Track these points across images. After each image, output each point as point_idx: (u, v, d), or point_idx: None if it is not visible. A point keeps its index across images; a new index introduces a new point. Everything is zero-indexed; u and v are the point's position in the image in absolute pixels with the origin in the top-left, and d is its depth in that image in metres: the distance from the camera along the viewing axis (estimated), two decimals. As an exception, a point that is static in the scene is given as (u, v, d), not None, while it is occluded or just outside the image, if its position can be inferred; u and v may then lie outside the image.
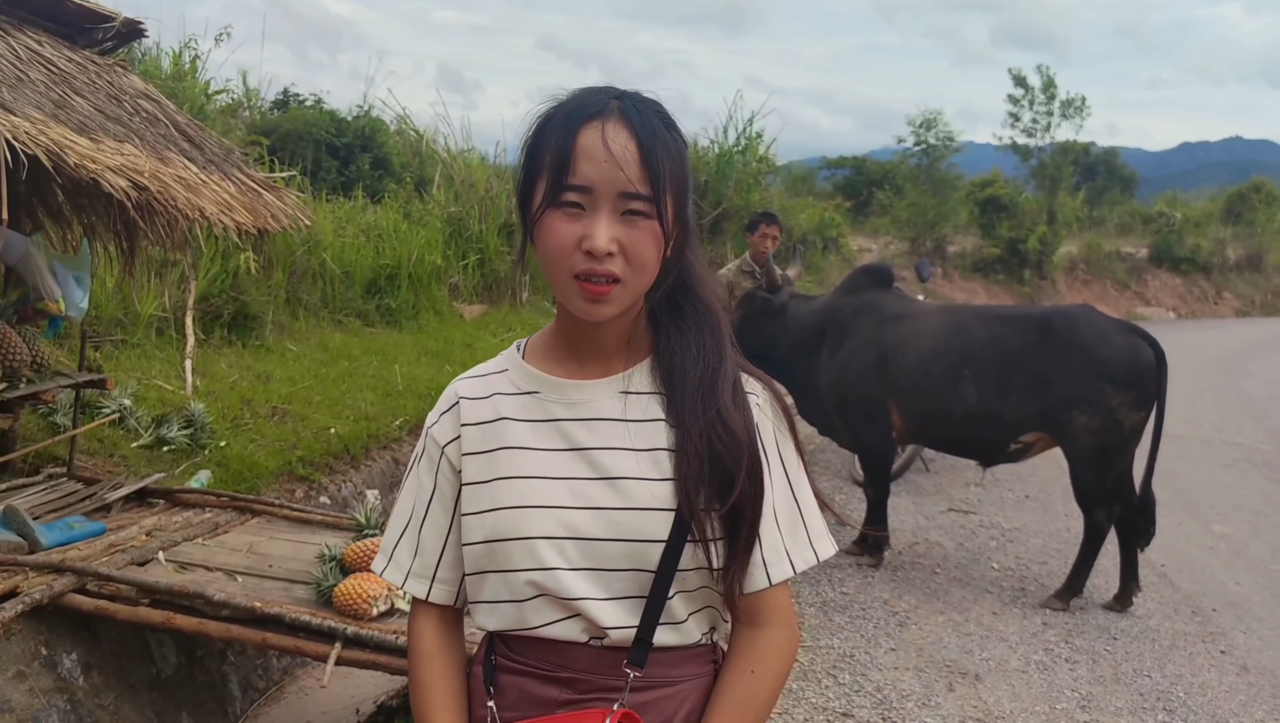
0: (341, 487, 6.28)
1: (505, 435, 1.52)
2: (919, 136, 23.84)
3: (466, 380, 1.61)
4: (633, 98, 1.45)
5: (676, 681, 1.50)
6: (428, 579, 1.58)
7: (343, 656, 3.70)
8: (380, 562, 1.64)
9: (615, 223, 1.40)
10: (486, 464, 1.51)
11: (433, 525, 1.58)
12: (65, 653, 4.01)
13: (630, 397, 1.51)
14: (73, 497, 4.91)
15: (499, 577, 1.48)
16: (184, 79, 11.62)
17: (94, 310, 7.01)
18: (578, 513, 1.46)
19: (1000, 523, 7.39)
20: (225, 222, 4.33)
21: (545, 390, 1.54)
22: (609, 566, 1.45)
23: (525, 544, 1.46)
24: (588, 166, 1.39)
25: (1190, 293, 28.30)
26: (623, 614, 1.46)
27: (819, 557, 1.56)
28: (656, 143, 1.41)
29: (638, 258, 1.41)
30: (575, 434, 1.50)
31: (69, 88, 4.21)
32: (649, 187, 1.39)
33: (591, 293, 1.41)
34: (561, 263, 1.42)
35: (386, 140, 14.27)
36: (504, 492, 1.49)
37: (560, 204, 1.40)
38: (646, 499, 1.45)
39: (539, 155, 1.44)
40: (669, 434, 1.48)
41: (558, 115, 1.44)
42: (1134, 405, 5.44)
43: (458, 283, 11.83)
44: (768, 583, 1.50)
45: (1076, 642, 5.24)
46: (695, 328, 1.52)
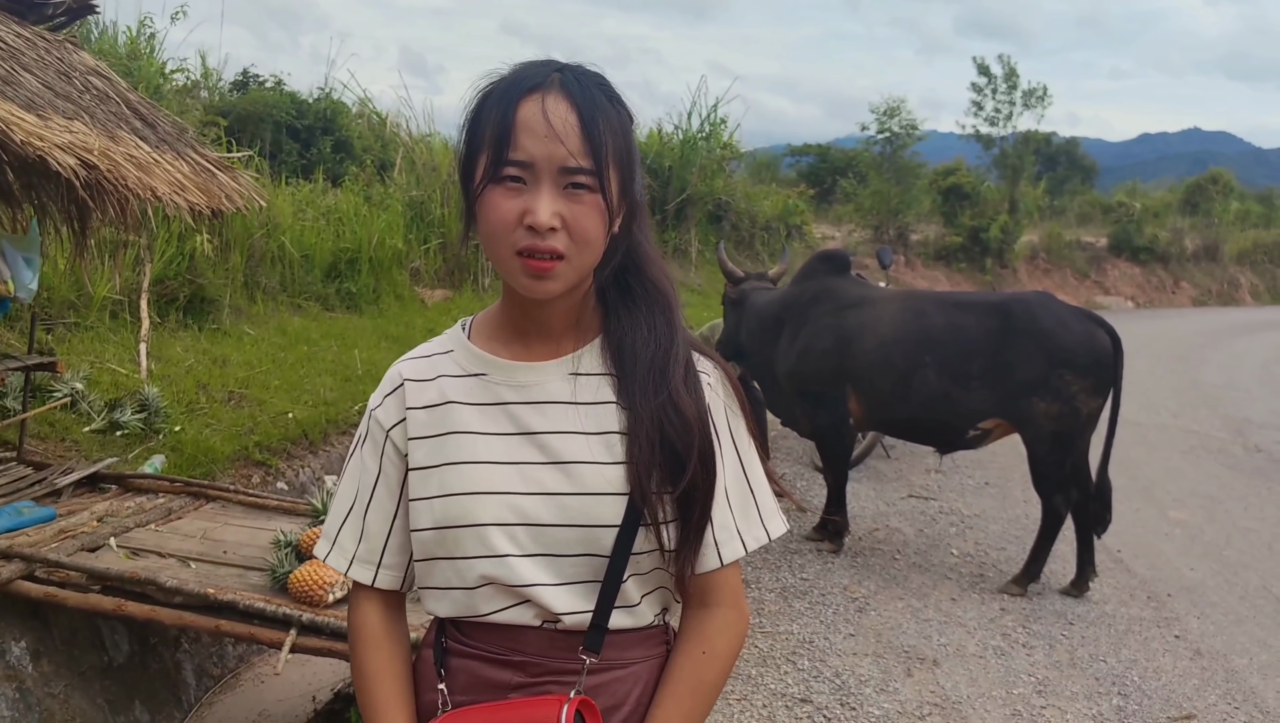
0: (299, 472, 6.21)
1: (452, 419, 1.49)
2: (882, 125, 23.94)
3: (410, 361, 1.57)
4: (574, 70, 1.42)
5: (629, 662, 1.49)
6: (373, 565, 1.55)
7: (298, 643, 3.65)
8: (323, 547, 1.59)
9: (558, 197, 1.37)
10: (434, 449, 1.48)
11: (378, 510, 1.54)
12: (14, 641, 3.94)
13: (580, 379, 1.49)
14: (22, 482, 4.82)
15: (449, 563, 1.46)
16: (140, 58, 11.43)
17: (45, 292, 6.88)
18: (528, 499, 1.43)
19: (960, 509, 7.43)
20: (178, 201, 4.24)
21: (492, 372, 1.51)
22: (561, 551, 1.43)
23: (476, 531, 1.43)
24: (528, 140, 1.36)
25: (1149, 282, 28.65)
26: (575, 600, 1.44)
27: (770, 535, 1.55)
28: (598, 115, 1.38)
29: (581, 233, 1.38)
30: (524, 418, 1.47)
31: (16, 63, 4.10)
32: (591, 160, 1.37)
33: (534, 269, 1.38)
34: (503, 239, 1.39)
35: (348, 123, 14.14)
36: (453, 477, 1.46)
37: (501, 179, 1.38)
38: (598, 484, 1.43)
39: (479, 130, 1.41)
40: (620, 417, 1.46)
41: (497, 89, 1.41)
42: (1092, 392, 5.47)
43: (419, 267, 11.74)
44: (719, 563, 1.49)
45: (1034, 627, 5.28)
46: (645, 308, 1.50)
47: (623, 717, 1.48)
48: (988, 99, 25.41)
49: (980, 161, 26.41)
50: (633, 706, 1.49)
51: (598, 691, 1.46)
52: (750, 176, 22.53)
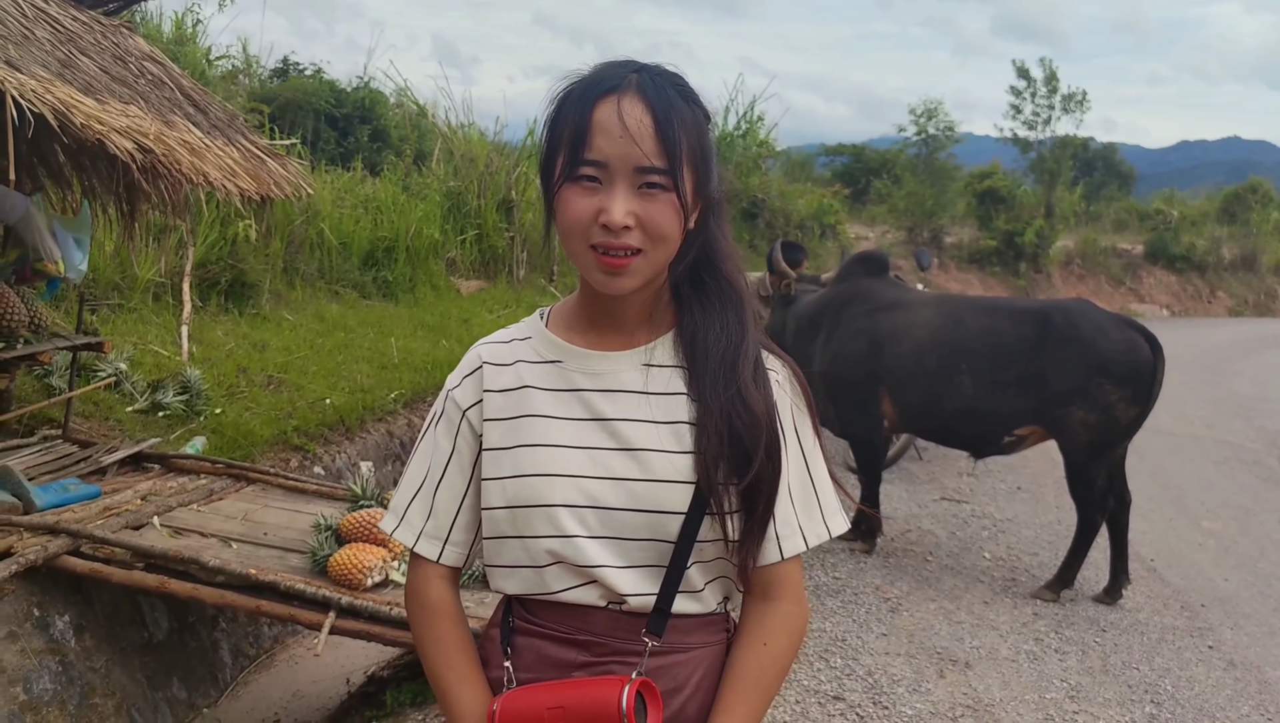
0: (336, 458, 6.27)
1: (528, 403, 1.53)
2: (919, 126, 23.81)
3: (490, 345, 1.61)
4: (651, 71, 1.45)
5: (690, 647, 1.51)
6: (440, 541, 1.58)
7: (336, 625, 3.71)
8: (390, 521, 1.63)
9: (632, 196, 1.40)
10: (509, 431, 1.52)
11: (449, 487, 1.58)
12: (58, 615, 4.01)
13: (652, 369, 1.52)
14: (67, 459, 4.91)
15: (519, 542, 1.50)
16: (185, 44, 11.55)
17: (92, 273, 6.97)
18: (598, 482, 1.47)
19: (992, 513, 7.41)
20: (229, 187, 4.30)
21: (568, 360, 1.54)
22: (628, 535, 1.46)
23: (546, 511, 1.47)
24: (603, 141, 1.39)
25: (1184, 291, 28.37)
26: (640, 582, 1.48)
27: (831, 532, 1.57)
28: (673, 115, 1.41)
29: (655, 230, 1.41)
30: (596, 404, 1.51)
31: (75, 47, 4.17)
32: (665, 160, 1.40)
33: (609, 265, 1.42)
34: (579, 236, 1.43)
35: (386, 113, 14.20)
36: (526, 459, 1.49)
37: (577, 178, 1.41)
38: (666, 471, 1.46)
39: (558, 130, 1.45)
40: (689, 408, 1.49)
41: (576, 90, 1.44)
42: (1131, 401, 5.43)
43: (455, 258, 11.80)
44: (780, 557, 1.52)
45: (1066, 633, 5.26)
46: (719, 303, 1.53)
47: (682, 700, 1.51)
48: (1026, 102, 25.24)
49: (1017, 165, 26.25)
50: (692, 689, 1.51)
51: (659, 673, 1.48)
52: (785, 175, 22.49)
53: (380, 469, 6.48)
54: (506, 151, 13.43)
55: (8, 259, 5.05)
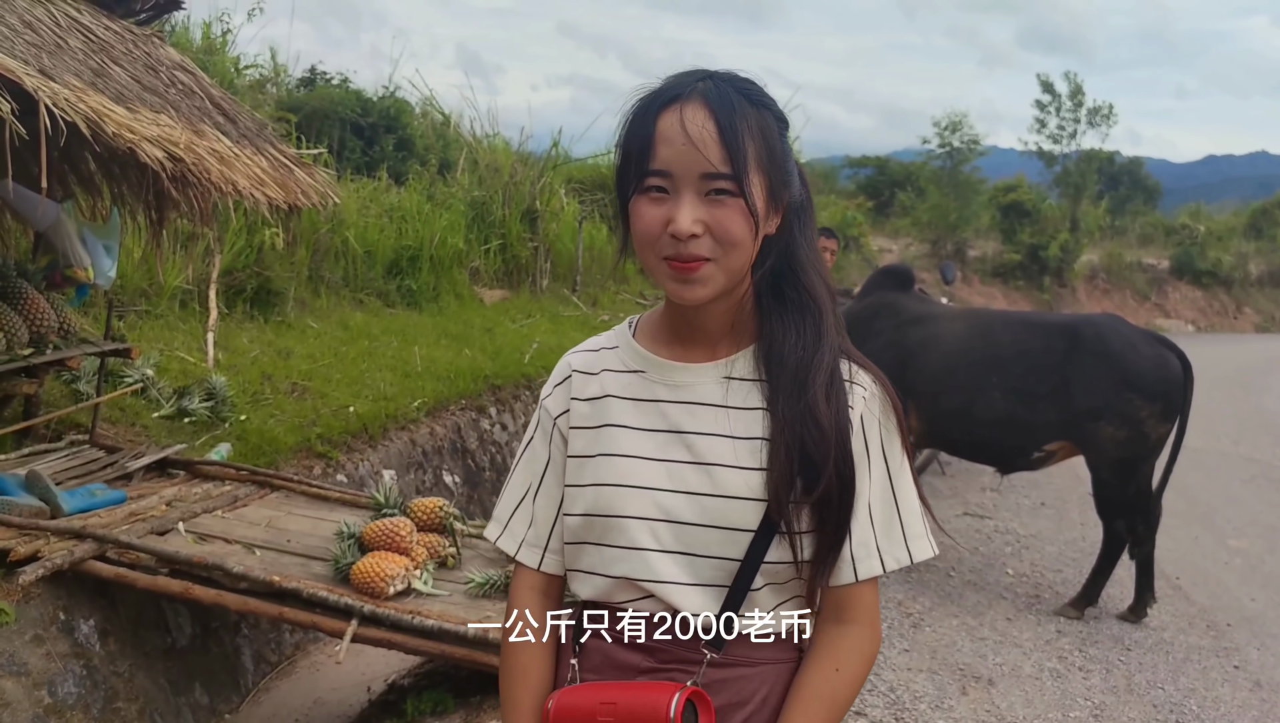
0: (359, 466, 6.29)
1: (610, 412, 1.54)
2: (944, 139, 23.76)
3: (579, 354, 1.62)
4: (718, 77, 1.44)
5: (757, 662, 1.49)
6: (540, 549, 1.60)
7: (358, 633, 3.72)
8: (494, 529, 1.65)
9: (699, 204, 1.39)
10: (592, 439, 1.54)
11: (547, 496, 1.59)
12: (83, 619, 4.03)
13: (732, 383, 1.51)
14: (94, 464, 4.94)
15: (595, 550, 1.51)
16: (215, 53, 11.65)
17: (120, 280, 7.03)
18: (672, 496, 1.46)
19: (1016, 529, 7.36)
20: (257, 196, 4.34)
21: (651, 370, 1.55)
22: (699, 551, 1.46)
23: (620, 522, 1.48)
24: (666, 151, 1.39)
25: (1210, 306, 28.17)
26: (705, 601, 1.46)
27: (913, 558, 1.53)
28: (737, 120, 1.39)
29: (725, 236, 1.40)
30: (675, 416, 1.50)
31: (107, 56, 4.21)
32: (729, 165, 1.38)
33: (679, 272, 1.41)
34: (651, 246, 1.43)
35: (411, 122, 14.25)
36: (605, 468, 1.51)
37: (645, 190, 1.42)
38: (739, 488, 1.45)
39: (627, 144, 1.45)
40: (766, 423, 1.47)
41: (642, 102, 1.45)
42: (1161, 417, 5.39)
43: (479, 267, 11.83)
44: (854, 578, 1.48)
45: (1090, 651, 5.22)
46: (797, 314, 1.51)
47: (745, 715, 1.49)
48: (1051, 116, 25.16)
49: (1041, 179, 26.15)
50: (757, 705, 1.49)
51: (721, 686, 1.47)
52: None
53: (403, 477, 6.50)
54: (531, 162, 13.47)
55: (38, 265, 5.10)
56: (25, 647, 3.75)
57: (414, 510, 4.38)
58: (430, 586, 4.00)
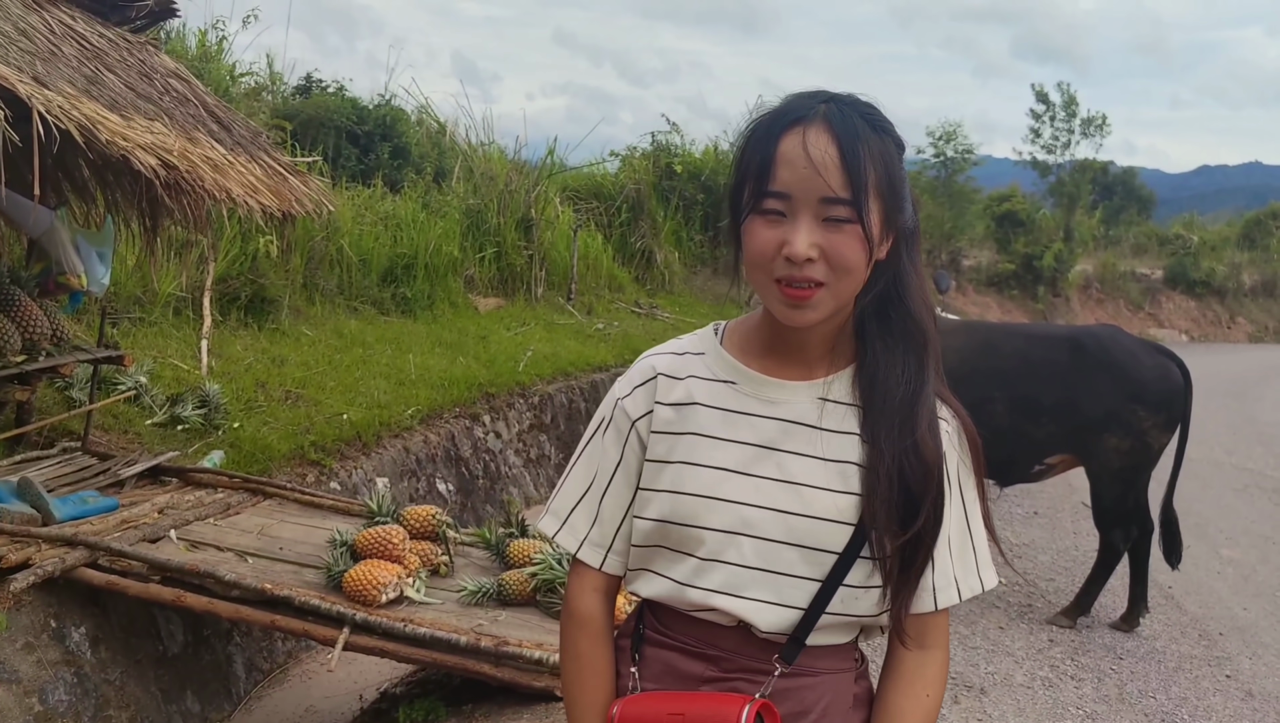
0: (352, 473, 6.29)
1: (696, 420, 1.51)
2: (938, 148, 23.81)
3: (663, 356, 1.59)
4: (841, 101, 1.42)
5: (819, 672, 1.50)
6: (604, 549, 1.57)
7: (350, 641, 3.72)
8: (551, 524, 1.61)
9: (816, 228, 1.37)
10: (674, 445, 1.51)
11: (615, 496, 1.57)
12: (74, 626, 4.03)
13: (827, 405, 1.49)
14: (86, 471, 4.94)
15: (668, 555, 1.49)
16: (210, 60, 11.65)
17: (113, 287, 7.03)
18: (758, 512, 1.45)
19: (1008, 538, 7.36)
20: (251, 204, 4.34)
21: (742, 382, 1.52)
22: (780, 569, 1.45)
23: (701, 533, 1.46)
24: (787, 173, 1.37)
25: (1204, 316, 28.21)
26: (781, 615, 1.46)
27: (985, 586, 1.56)
28: (859, 146, 1.38)
29: (840, 262, 1.38)
30: (767, 432, 1.48)
31: (101, 64, 4.22)
32: (849, 191, 1.36)
33: (792, 298, 1.40)
34: (764, 268, 1.41)
35: (407, 130, 14.25)
36: (688, 477, 1.48)
37: (762, 210, 1.40)
38: (828, 510, 1.44)
39: (745, 162, 1.43)
40: (860, 450, 1.46)
41: (764, 121, 1.43)
42: (1164, 427, 5.40)
43: (473, 275, 11.84)
44: (934, 607, 1.50)
45: (1082, 660, 5.22)
46: (903, 344, 1.49)
47: None
48: (1045, 126, 25.22)
49: (1036, 188, 26.21)
50: (818, 715, 1.50)
51: (784, 695, 1.47)
52: (803, 196, 22.46)
53: (396, 485, 6.49)
54: (526, 170, 13.48)
55: (32, 272, 5.10)
56: (16, 654, 3.75)
57: (407, 518, 4.38)
58: (423, 594, 3.99)
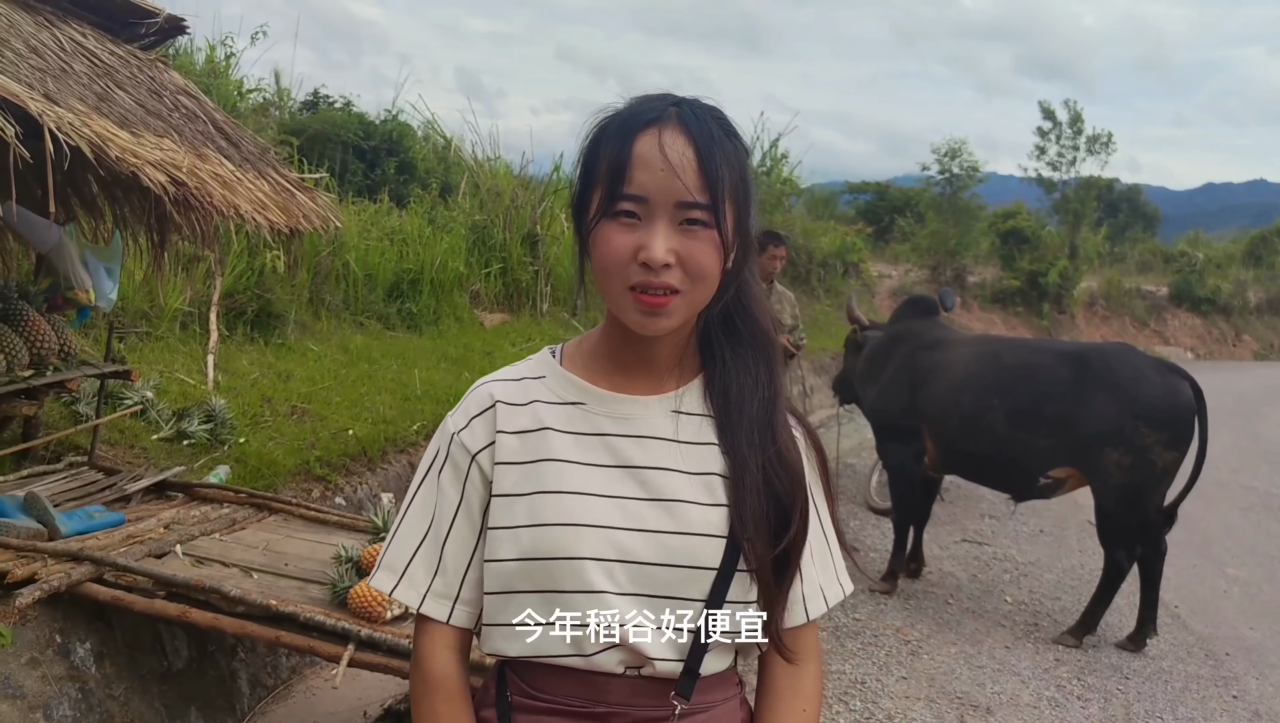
0: (357, 489, 6.29)
1: (548, 447, 1.42)
2: (943, 165, 23.82)
3: (500, 383, 1.50)
4: (691, 104, 1.39)
5: (710, 705, 1.45)
6: (450, 600, 1.46)
7: (355, 658, 3.70)
8: (387, 579, 1.48)
9: (673, 233, 1.33)
10: (524, 476, 1.41)
11: (457, 541, 1.46)
12: (79, 642, 4.02)
13: (682, 417, 1.45)
14: (93, 486, 4.93)
15: (536, 598, 1.38)
16: (219, 76, 11.71)
17: (120, 302, 7.04)
18: (629, 534, 1.38)
19: (1014, 556, 7.35)
20: (259, 220, 4.35)
21: (591, 402, 1.45)
22: (659, 592, 1.38)
23: (572, 565, 1.36)
24: (644, 175, 1.32)
25: (1209, 334, 28.17)
26: (668, 645, 1.39)
27: (844, 592, 1.56)
28: (715, 149, 1.34)
29: (696, 269, 1.34)
30: (625, 451, 1.42)
31: (111, 81, 4.24)
32: (707, 195, 1.33)
33: (648, 305, 1.35)
34: (617, 274, 1.35)
35: (413, 145, 14.30)
36: (548, 507, 1.39)
37: (616, 214, 1.34)
38: (701, 524, 1.39)
39: (595, 164, 1.38)
40: (720, 460, 1.43)
41: (614, 123, 1.38)
42: (1167, 445, 5.40)
43: (479, 290, 11.86)
44: (806, 618, 1.49)
45: (1089, 680, 5.21)
46: (751, 352, 1.47)
47: None
48: (1051, 143, 25.24)
49: (1040, 205, 26.22)
50: None
51: None
52: (808, 212, 22.53)
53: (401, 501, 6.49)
54: (532, 186, 13.51)
55: (40, 287, 5.11)
56: (21, 669, 3.74)
57: (412, 535, 4.37)
58: (428, 610, 3.98)
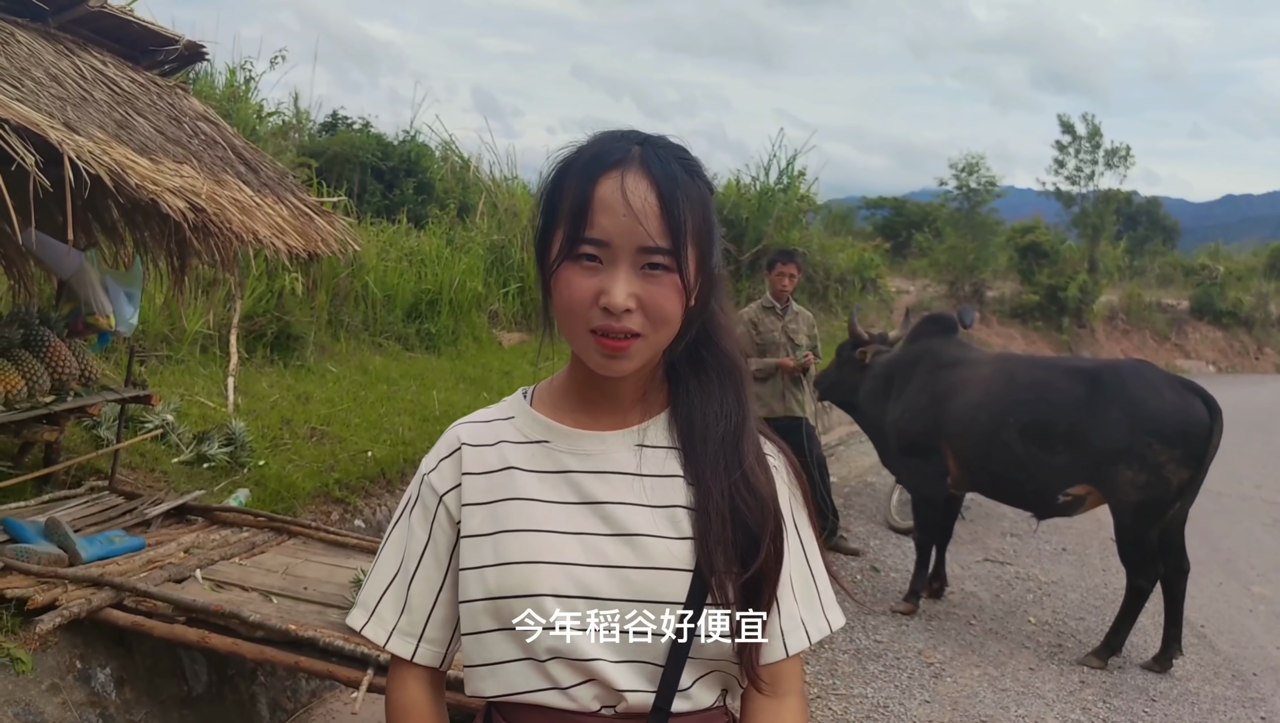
0: (377, 511, 6.29)
1: (512, 486, 1.44)
2: (960, 180, 23.77)
3: (468, 425, 1.52)
4: (655, 144, 1.38)
5: None
6: (414, 638, 1.48)
7: (375, 682, 3.69)
8: (359, 617, 1.51)
9: (634, 277, 1.33)
10: (490, 515, 1.42)
11: (424, 580, 1.48)
12: (100, 667, 4.03)
13: (645, 451, 1.44)
14: (113, 511, 4.95)
15: (503, 636, 1.39)
16: (238, 100, 11.79)
17: (141, 326, 7.09)
18: (591, 571, 1.38)
19: (1037, 575, 7.29)
20: (277, 244, 4.36)
21: (555, 440, 1.46)
22: (627, 627, 1.37)
23: (534, 601, 1.37)
24: (605, 220, 1.32)
25: (1231, 347, 27.96)
26: (638, 678, 1.38)
27: (832, 627, 1.51)
28: (678, 192, 1.34)
29: (658, 312, 1.34)
30: (588, 487, 1.42)
31: (131, 108, 4.27)
32: (669, 240, 1.33)
33: (609, 348, 1.35)
34: (579, 316, 1.35)
35: (431, 166, 14.36)
36: (511, 545, 1.40)
37: (577, 257, 1.34)
38: (664, 558, 1.38)
39: (557, 204, 1.37)
40: (686, 492, 1.41)
41: (576, 163, 1.37)
42: (1181, 462, 5.36)
43: (498, 310, 11.89)
44: (785, 654, 1.45)
45: (1115, 702, 5.15)
46: (718, 382, 1.46)
47: None
48: (1070, 157, 25.15)
49: (1059, 219, 26.11)
50: None
51: None
52: (825, 229, 22.51)
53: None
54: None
55: (61, 313, 5.15)
56: (42, 696, 3.75)
57: (431, 558, 4.36)
58: (447, 635, 3.97)
